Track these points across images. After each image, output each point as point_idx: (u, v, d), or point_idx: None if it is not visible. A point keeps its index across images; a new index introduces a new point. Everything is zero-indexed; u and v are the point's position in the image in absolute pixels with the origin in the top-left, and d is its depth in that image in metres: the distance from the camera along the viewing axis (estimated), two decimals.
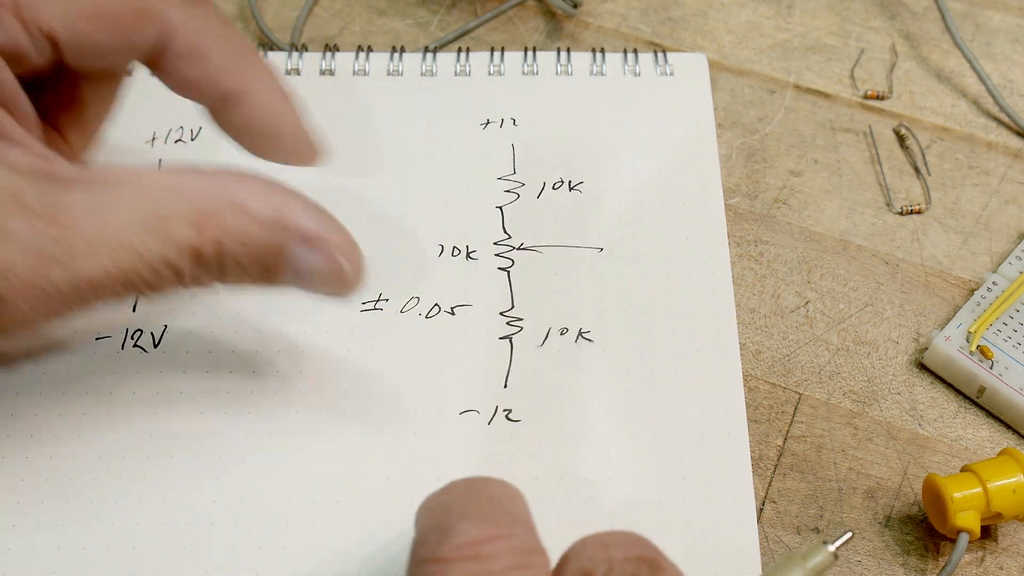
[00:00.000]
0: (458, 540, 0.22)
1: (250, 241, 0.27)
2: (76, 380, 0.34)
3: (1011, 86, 0.44)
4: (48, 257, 0.25)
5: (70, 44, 0.28)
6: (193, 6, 0.29)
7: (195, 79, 0.30)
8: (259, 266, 0.27)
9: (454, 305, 0.36)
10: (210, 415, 0.33)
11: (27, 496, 0.31)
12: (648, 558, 0.23)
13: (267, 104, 0.30)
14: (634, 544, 0.24)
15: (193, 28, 0.29)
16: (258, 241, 0.27)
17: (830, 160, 0.41)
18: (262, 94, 0.30)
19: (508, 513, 0.24)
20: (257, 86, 0.30)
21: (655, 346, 0.35)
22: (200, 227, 0.26)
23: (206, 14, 0.30)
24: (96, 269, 0.25)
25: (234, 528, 0.31)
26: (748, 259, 0.38)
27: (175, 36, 0.29)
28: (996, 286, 0.37)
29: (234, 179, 0.27)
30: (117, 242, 0.25)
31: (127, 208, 0.25)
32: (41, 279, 0.25)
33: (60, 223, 0.25)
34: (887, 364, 0.36)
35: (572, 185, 0.39)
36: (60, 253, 0.25)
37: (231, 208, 0.26)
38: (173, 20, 0.29)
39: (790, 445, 0.34)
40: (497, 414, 0.33)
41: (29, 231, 0.24)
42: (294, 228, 0.27)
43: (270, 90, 0.31)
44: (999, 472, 0.31)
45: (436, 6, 0.46)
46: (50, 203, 0.25)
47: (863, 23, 0.46)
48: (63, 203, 0.25)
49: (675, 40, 0.45)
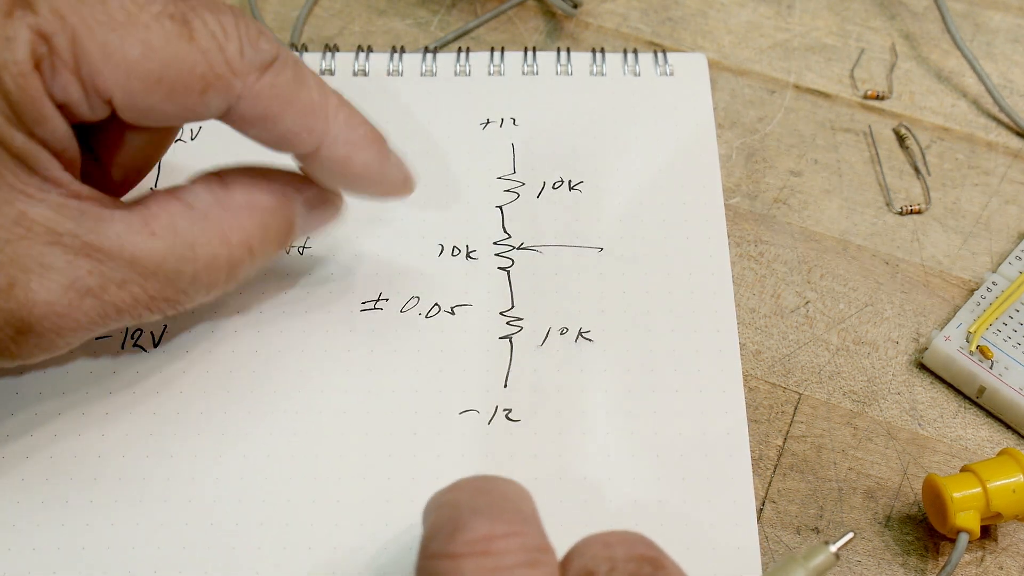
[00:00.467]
0: (469, 536, 0.23)
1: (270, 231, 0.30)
2: (76, 380, 0.34)
3: (1011, 86, 0.44)
4: (84, 290, 0.26)
5: (127, 107, 0.27)
6: (264, 71, 0.28)
7: (266, 141, 0.29)
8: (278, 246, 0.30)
9: (454, 305, 0.36)
10: (210, 415, 0.33)
11: (27, 496, 0.31)
12: (650, 557, 0.23)
13: (343, 157, 0.30)
14: (636, 543, 0.24)
15: (262, 95, 0.28)
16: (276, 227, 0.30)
17: (830, 160, 0.41)
18: (338, 147, 0.29)
19: (518, 511, 0.24)
20: (332, 140, 0.29)
21: (655, 346, 0.35)
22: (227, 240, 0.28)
23: (278, 75, 0.28)
24: (126, 296, 0.27)
25: (234, 528, 0.31)
26: (748, 259, 0.38)
27: (245, 106, 0.28)
28: (996, 286, 0.37)
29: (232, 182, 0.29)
30: (149, 271, 0.27)
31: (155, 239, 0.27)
32: (76, 312, 0.26)
33: (95, 258, 0.26)
34: (887, 364, 0.36)
35: (572, 185, 0.39)
36: (95, 285, 0.26)
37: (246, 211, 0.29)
38: (241, 89, 0.27)
39: (790, 445, 0.34)
40: (497, 414, 0.33)
41: (67, 266, 0.26)
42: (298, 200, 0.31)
43: (348, 142, 0.30)
44: (999, 472, 0.31)
45: (436, 6, 0.46)
46: (87, 240, 0.26)
47: (863, 23, 0.46)
48: (98, 237, 0.26)
49: (675, 40, 0.45)
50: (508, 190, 0.39)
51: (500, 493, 0.25)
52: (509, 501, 0.25)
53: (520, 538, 0.23)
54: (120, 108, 0.27)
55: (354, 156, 0.30)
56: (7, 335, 0.26)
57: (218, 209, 0.28)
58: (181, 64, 0.26)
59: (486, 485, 0.25)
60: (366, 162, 0.30)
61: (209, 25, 0.27)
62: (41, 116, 0.25)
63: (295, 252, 0.37)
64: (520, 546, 0.23)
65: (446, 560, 0.22)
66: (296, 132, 0.29)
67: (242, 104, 0.28)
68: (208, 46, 0.26)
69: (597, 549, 0.24)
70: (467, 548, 0.22)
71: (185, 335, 0.35)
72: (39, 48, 0.25)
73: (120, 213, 0.27)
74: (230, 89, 0.27)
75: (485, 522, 0.23)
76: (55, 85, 0.25)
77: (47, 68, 0.25)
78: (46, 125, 0.26)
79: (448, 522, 0.23)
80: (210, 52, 0.26)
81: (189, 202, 0.28)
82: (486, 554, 0.22)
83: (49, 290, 0.26)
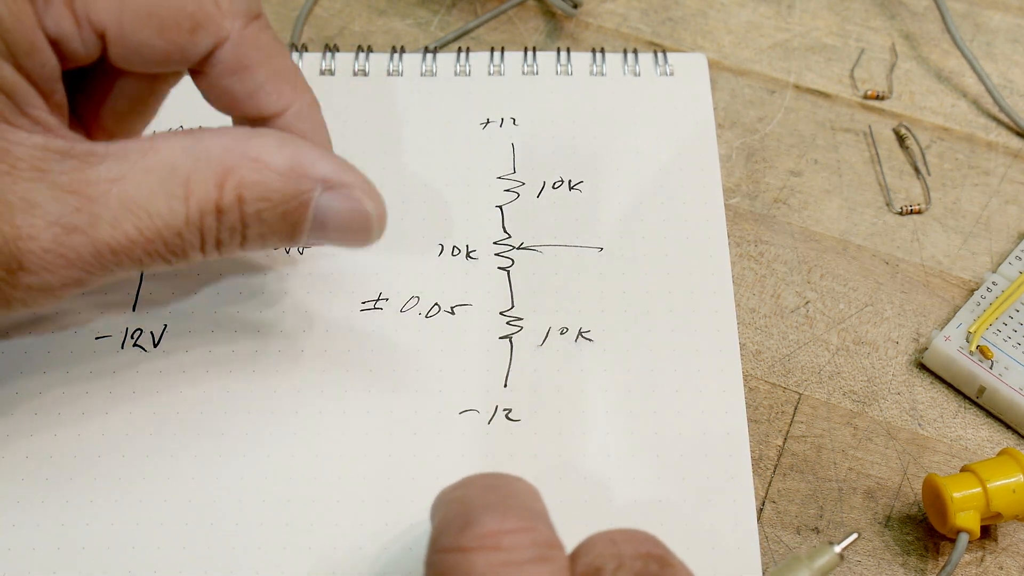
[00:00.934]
0: (480, 530, 0.23)
1: (271, 193, 0.27)
2: (75, 379, 0.34)
3: (1011, 86, 0.44)
4: (70, 227, 0.25)
5: (118, 42, 0.27)
6: (248, 20, 0.28)
7: (237, 94, 0.29)
8: (283, 220, 0.27)
9: (454, 305, 0.36)
10: (209, 414, 0.33)
11: (27, 496, 0.31)
12: (657, 555, 0.23)
13: (300, 132, 0.30)
14: (643, 541, 0.24)
15: (246, 42, 0.28)
16: (279, 191, 0.27)
17: (830, 160, 0.41)
18: (299, 121, 0.30)
19: (528, 508, 0.24)
20: (295, 112, 0.30)
21: (655, 346, 0.35)
22: (221, 184, 0.26)
23: (260, 29, 0.29)
24: (119, 236, 0.26)
25: (234, 528, 0.31)
26: (748, 259, 0.38)
27: (227, 48, 0.28)
28: (996, 286, 0.37)
29: (248, 134, 0.27)
30: (139, 207, 0.26)
31: (147, 174, 0.26)
32: (64, 248, 0.25)
33: (82, 194, 0.25)
34: (887, 364, 0.36)
35: (572, 185, 0.39)
36: (82, 222, 0.25)
37: (250, 162, 0.27)
38: (228, 31, 0.28)
39: (790, 445, 0.34)
40: (497, 414, 0.33)
41: (52, 202, 0.25)
42: (313, 174, 0.27)
43: (308, 119, 0.30)
44: (999, 472, 0.31)
45: (436, 6, 0.46)
46: (73, 177, 0.25)
47: (863, 23, 0.46)
48: (85, 176, 0.26)
49: (675, 40, 0.45)
50: (508, 190, 0.39)
51: (510, 489, 0.25)
52: (519, 497, 0.25)
53: (530, 534, 0.23)
54: (111, 43, 0.27)
55: (314, 133, 0.30)
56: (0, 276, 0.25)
57: (223, 153, 0.27)
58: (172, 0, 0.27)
59: (496, 482, 0.26)
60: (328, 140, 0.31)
61: None
62: (32, 47, 0.25)
63: (295, 252, 0.37)
64: (530, 542, 0.23)
65: (456, 554, 0.23)
66: (267, 91, 0.29)
67: (226, 48, 0.28)
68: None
69: (604, 546, 0.24)
70: (477, 542, 0.22)
71: (185, 335, 0.35)
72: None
73: (117, 149, 0.26)
74: (219, 30, 0.28)
75: (496, 517, 0.23)
76: (47, 16, 0.25)
77: None
78: (36, 57, 0.25)
79: (458, 517, 0.23)
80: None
81: (198, 138, 0.27)
82: (496, 549, 0.22)
83: (33, 225, 0.25)
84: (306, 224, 0.28)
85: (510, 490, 0.25)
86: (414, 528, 0.31)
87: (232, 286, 0.36)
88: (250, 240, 0.28)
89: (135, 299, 0.35)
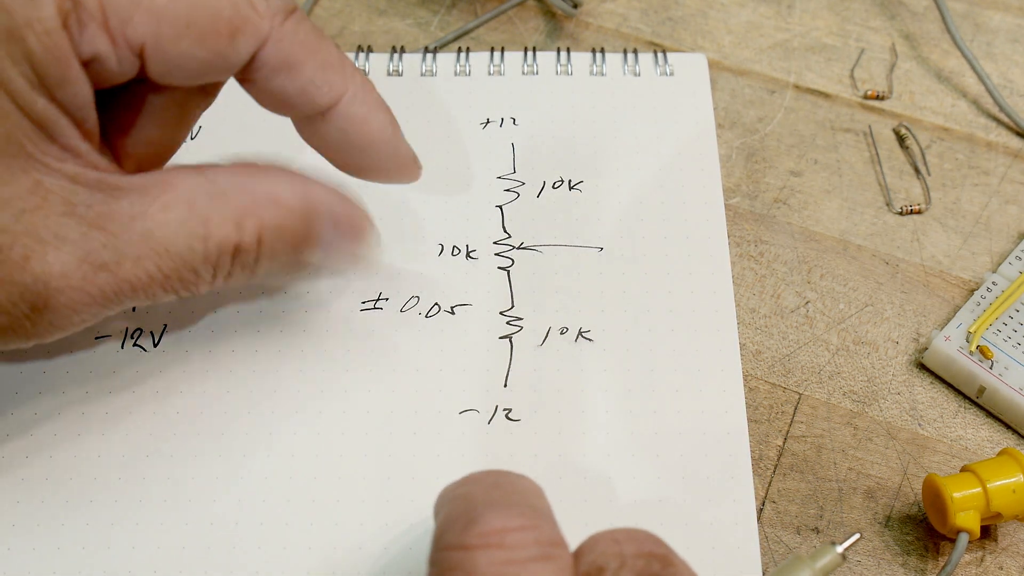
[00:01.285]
0: (484, 528, 0.23)
1: (286, 231, 0.28)
2: (75, 380, 0.34)
3: (1011, 86, 0.44)
4: (98, 264, 0.25)
5: (158, 57, 0.26)
6: (287, 17, 0.28)
7: (288, 93, 0.28)
8: (293, 253, 0.28)
9: (454, 304, 0.36)
10: (209, 414, 0.33)
11: (27, 496, 0.31)
12: (659, 554, 0.24)
13: (361, 116, 0.29)
14: (645, 540, 0.24)
15: (288, 40, 0.28)
16: (295, 230, 0.28)
17: (830, 160, 0.41)
18: (356, 106, 0.29)
19: (532, 506, 0.24)
20: (351, 98, 0.29)
21: (655, 346, 0.35)
22: (240, 224, 0.27)
23: (300, 23, 0.28)
24: (140, 273, 0.26)
25: (233, 528, 0.31)
26: (748, 259, 0.38)
27: (270, 49, 0.27)
28: (996, 286, 0.37)
29: (261, 172, 0.28)
30: (160, 246, 0.26)
31: (167, 212, 0.26)
32: (90, 286, 0.25)
33: (107, 229, 0.25)
34: (887, 364, 0.36)
35: (572, 184, 0.39)
36: (109, 259, 0.25)
37: (267, 202, 0.27)
38: (268, 31, 0.27)
39: (790, 445, 0.34)
40: (497, 413, 0.33)
41: (82, 238, 0.25)
42: (324, 212, 0.28)
43: (365, 102, 0.29)
44: (999, 472, 0.31)
45: (436, 6, 0.46)
46: (101, 212, 0.25)
47: (863, 23, 0.46)
48: (110, 210, 0.26)
49: (675, 40, 0.45)
50: (508, 190, 0.39)
51: (514, 487, 0.25)
52: (523, 495, 0.25)
53: (534, 532, 0.23)
54: (151, 57, 0.26)
55: (371, 117, 0.30)
56: (22, 311, 0.25)
57: (239, 193, 0.27)
58: (208, 7, 0.26)
59: (499, 479, 0.26)
60: (382, 125, 0.30)
61: None
62: (65, 77, 0.24)
63: None
64: (534, 540, 0.23)
65: (460, 552, 0.23)
66: (317, 84, 0.28)
67: (268, 48, 0.27)
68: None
69: (607, 545, 0.24)
70: (481, 540, 0.22)
71: (185, 335, 0.35)
72: (65, 3, 0.24)
73: (137, 183, 0.26)
74: (258, 31, 0.27)
75: (499, 515, 0.23)
76: (83, 40, 0.25)
77: (74, 23, 0.24)
78: (69, 88, 0.25)
79: (462, 514, 0.23)
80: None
81: (211, 178, 0.27)
82: (500, 547, 0.22)
83: (64, 263, 0.25)
84: (313, 258, 0.29)
85: (514, 488, 0.25)
86: (414, 528, 0.31)
87: (232, 287, 0.36)
88: (258, 274, 0.28)
89: None
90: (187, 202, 0.26)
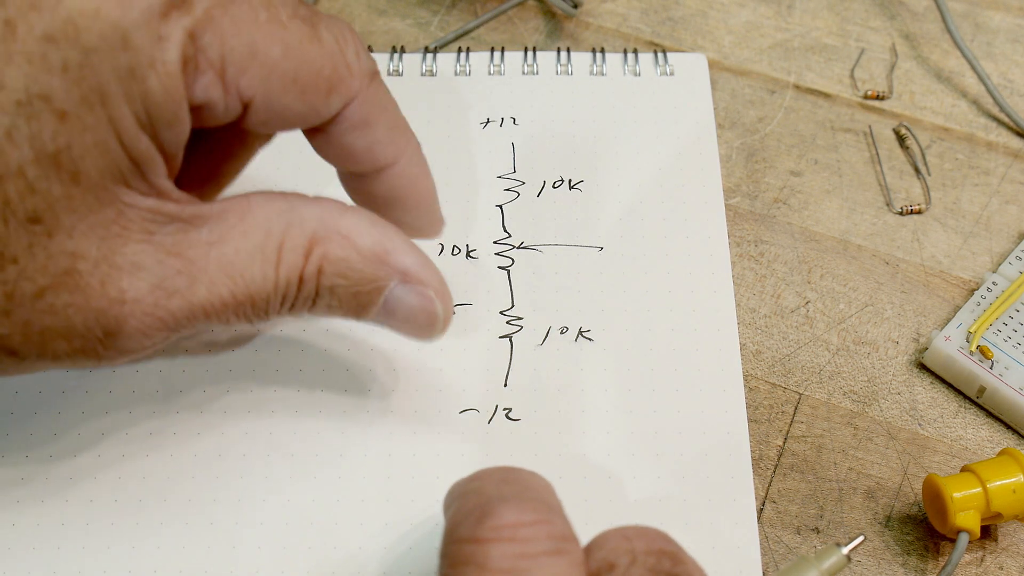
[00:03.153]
0: (497, 522, 0.23)
1: (351, 272, 0.27)
2: (75, 378, 0.34)
3: (1011, 86, 0.44)
4: (171, 290, 0.26)
5: (262, 109, 0.26)
6: (371, 78, 0.28)
7: (356, 149, 0.29)
8: (354, 299, 0.28)
9: (454, 304, 0.36)
10: (209, 414, 0.33)
11: (27, 496, 0.31)
12: (669, 551, 0.24)
13: (411, 178, 0.30)
14: (655, 537, 0.24)
15: (369, 100, 0.28)
16: (358, 272, 0.28)
17: (830, 160, 0.41)
18: (409, 167, 0.30)
19: (544, 501, 0.24)
20: (405, 160, 0.30)
21: (655, 345, 0.35)
22: (308, 253, 0.27)
23: (380, 85, 0.29)
24: (213, 299, 0.26)
25: (233, 527, 0.31)
26: (748, 259, 0.38)
27: (354, 107, 0.28)
28: (996, 286, 0.37)
29: (341, 209, 0.28)
30: (235, 271, 0.26)
31: (244, 238, 0.26)
32: (162, 311, 0.26)
33: (184, 256, 0.26)
34: (887, 364, 0.36)
35: (572, 184, 0.39)
36: (182, 285, 0.26)
37: (339, 237, 0.27)
38: (357, 91, 0.28)
39: (790, 445, 0.34)
40: (497, 413, 0.33)
41: (157, 265, 0.25)
42: (395, 264, 0.28)
43: (416, 164, 0.30)
44: (999, 472, 0.31)
45: (436, 6, 0.46)
46: (176, 239, 0.26)
47: (863, 23, 0.46)
48: (188, 238, 0.26)
49: (675, 40, 0.45)
50: (508, 189, 0.39)
51: (525, 483, 0.25)
52: (534, 490, 0.25)
53: (546, 526, 0.23)
54: (256, 108, 0.26)
55: (420, 179, 0.30)
56: (95, 335, 0.25)
57: (315, 222, 0.27)
58: (311, 65, 0.26)
59: (510, 475, 0.26)
60: (428, 188, 0.31)
61: (332, 30, 0.27)
62: (175, 119, 0.25)
63: None
64: (546, 534, 0.23)
65: (473, 545, 0.23)
66: (384, 143, 0.29)
67: (352, 107, 0.28)
68: (333, 49, 0.27)
69: (617, 542, 0.24)
70: (494, 534, 0.23)
71: None
72: (188, 49, 0.24)
73: (216, 211, 0.27)
74: (350, 89, 0.28)
75: (513, 509, 0.23)
76: (197, 86, 0.25)
77: (192, 69, 0.25)
78: (175, 129, 0.25)
79: (475, 508, 0.24)
80: (335, 55, 0.27)
81: (293, 204, 0.27)
82: (513, 541, 0.22)
83: (138, 288, 0.25)
84: (374, 309, 0.28)
85: (526, 483, 0.25)
86: (414, 528, 0.31)
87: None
88: (318, 309, 0.28)
89: None
90: (264, 227, 0.27)
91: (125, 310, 0.25)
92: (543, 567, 0.22)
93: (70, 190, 0.24)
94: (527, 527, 0.23)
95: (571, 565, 0.23)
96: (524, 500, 0.24)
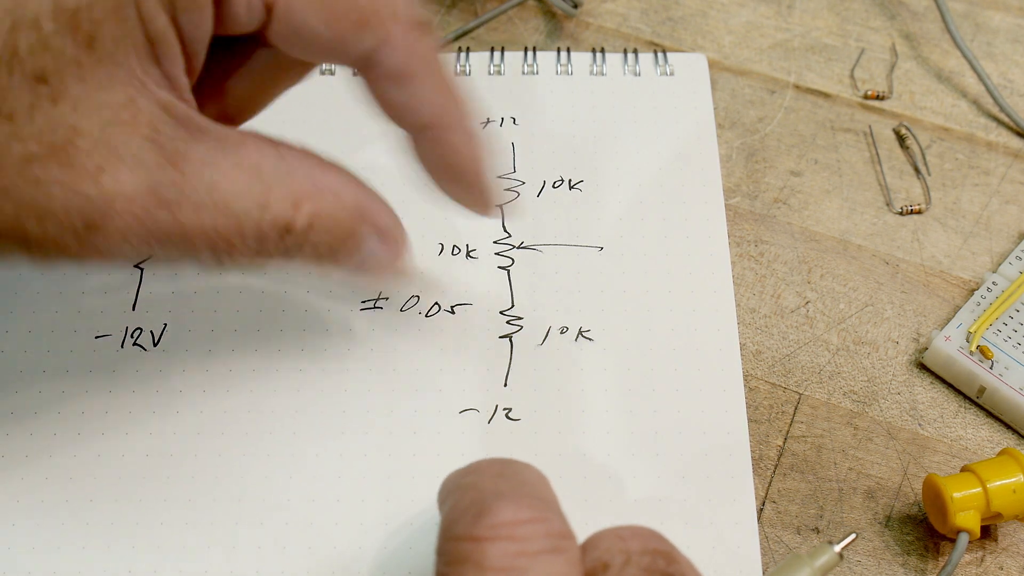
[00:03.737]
0: (494, 520, 0.23)
1: (336, 226, 0.28)
2: (75, 378, 0.34)
3: (1011, 86, 0.44)
4: (162, 200, 0.25)
5: (283, 19, 0.26)
6: (414, 27, 0.27)
7: (398, 103, 0.28)
8: (332, 249, 0.28)
9: (454, 304, 0.36)
10: (209, 414, 0.33)
11: (27, 495, 0.31)
12: (663, 551, 0.24)
13: (453, 145, 0.29)
14: (650, 537, 0.24)
15: (409, 49, 0.27)
16: (344, 227, 0.28)
17: (830, 160, 0.41)
18: (451, 133, 0.29)
19: (541, 497, 0.24)
20: (454, 123, 0.29)
21: (655, 345, 0.35)
22: (297, 205, 0.27)
23: (424, 37, 0.28)
24: (195, 223, 0.25)
25: (233, 527, 0.31)
26: (748, 259, 0.38)
27: (390, 53, 0.27)
28: (996, 286, 0.37)
29: (326, 165, 0.28)
30: (223, 201, 0.26)
31: (236, 170, 0.26)
32: (149, 220, 0.25)
33: (179, 168, 0.25)
34: (887, 364, 0.36)
35: (572, 184, 0.39)
36: (172, 198, 0.25)
37: (327, 192, 0.27)
38: (393, 35, 0.27)
39: (790, 445, 0.34)
40: (497, 413, 0.33)
41: (156, 169, 0.24)
42: (373, 221, 0.28)
43: (459, 131, 0.29)
44: (999, 472, 0.31)
45: (436, 6, 0.46)
46: (177, 148, 0.25)
47: (863, 23, 0.46)
48: (187, 150, 0.25)
49: (675, 40, 0.45)
50: (508, 189, 0.39)
51: (521, 478, 0.25)
52: (531, 486, 0.25)
53: (544, 524, 0.23)
54: (276, 18, 0.26)
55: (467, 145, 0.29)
56: (74, 224, 0.24)
57: (303, 176, 0.27)
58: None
59: (506, 469, 0.25)
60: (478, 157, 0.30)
61: None
62: (195, 3, 0.24)
63: None
64: (544, 532, 0.23)
65: (470, 543, 0.22)
66: (423, 102, 0.28)
67: (386, 51, 0.27)
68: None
69: (612, 542, 0.24)
70: (492, 532, 0.22)
71: (185, 335, 0.35)
72: None
73: (218, 132, 0.26)
74: (385, 31, 0.27)
75: (510, 507, 0.23)
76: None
77: None
78: (194, 15, 0.24)
79: (472, 505, 0.23)
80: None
81: (282, 153, 0.27)
82: (510, 539, 0.22)
83: (135, 186, 0.24)
84: (349, 260, 0.29)
85: (521, 478, 0.25)
86: (414, 528, 0.31)
87: (232, 286, 0.36)
88: (296, 257, 0.28)
89: (135, 298, 0.35)
90: (256, 168, 0.26)
91: (116, 206, 0.24)
92: (541, 565, 0.22)
93: (82, 56, 0.23)
94: (525, 525, 0.23)
95: (569, 563, 0.23)
96: (521, 497, 0.23)
